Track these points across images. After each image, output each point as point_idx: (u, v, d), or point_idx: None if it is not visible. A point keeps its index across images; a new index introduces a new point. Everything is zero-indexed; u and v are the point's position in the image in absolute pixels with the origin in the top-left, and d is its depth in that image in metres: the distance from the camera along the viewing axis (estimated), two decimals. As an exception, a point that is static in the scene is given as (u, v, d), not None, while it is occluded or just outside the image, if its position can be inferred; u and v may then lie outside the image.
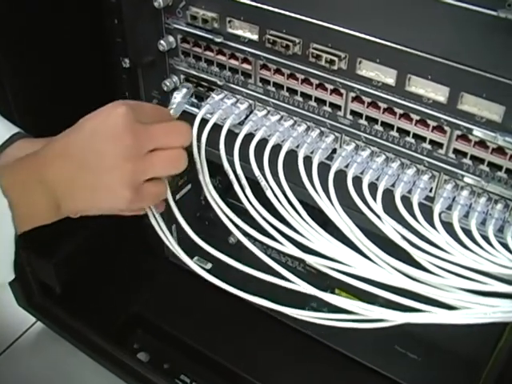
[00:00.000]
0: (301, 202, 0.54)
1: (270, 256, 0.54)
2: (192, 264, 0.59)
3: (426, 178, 0.54)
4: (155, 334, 0.89)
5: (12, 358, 0.95)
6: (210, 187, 0.56)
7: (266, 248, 0.57)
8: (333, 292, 0.75)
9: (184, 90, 0.63)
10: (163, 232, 0.60)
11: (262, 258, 0.54)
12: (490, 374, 0.66)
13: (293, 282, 0.52)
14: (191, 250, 0.61)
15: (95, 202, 0.50)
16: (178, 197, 0.84)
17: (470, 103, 0.48)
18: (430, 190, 0.54)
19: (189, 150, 0.56)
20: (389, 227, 0.50)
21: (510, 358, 0.62)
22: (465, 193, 0.52)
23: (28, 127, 0.60)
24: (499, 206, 0.51)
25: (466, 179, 0.52)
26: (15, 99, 0.71)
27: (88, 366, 0.89)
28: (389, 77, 0.51)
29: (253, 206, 0.53)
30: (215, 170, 0.60)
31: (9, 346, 0.97)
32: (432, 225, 0.51)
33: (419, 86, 0.50)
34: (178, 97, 0.63)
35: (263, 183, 0.54)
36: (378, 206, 0.51)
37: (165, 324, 0.88)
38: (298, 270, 0.81)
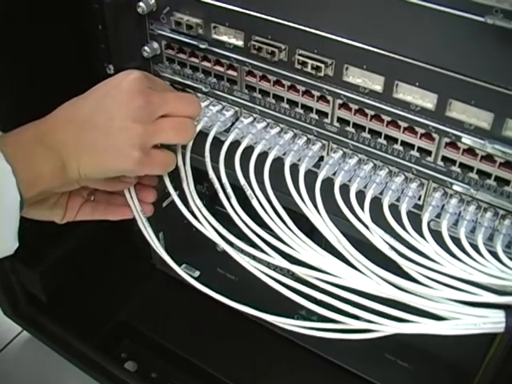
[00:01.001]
0: (288, 209, 0.53)
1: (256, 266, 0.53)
2: (179, 270, 0.58)
3: (414, 185, 0.53)
4: (143, 343, 0.88)
5: (-2, 368, 0.94)
6: (195, 196, 0.55)
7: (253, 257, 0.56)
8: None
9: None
10: (151, 238, 0.59)
11: (248, 268, 0.53)
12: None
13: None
14: (179, 257, 0.61)
15: (103, 162, 0.49)
16: (165, 204, 0.83)
17: (459, 110, 0.48)
18: (419, 198, 0.53)
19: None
20: (377, 237, 0.49)
21: (499, 368, 0.62)
22: (454, 201, 0.51)
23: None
24: (489, 215, 0.50)
25: (454, 187, 0.51)
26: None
27: (75, 376, 0.88)
28: (376, 83, 0.50)
29: (238, 216, 0.52)
30: (202, 176, 0.59)
31: (-6, 356, 0.96)
32: (421, 234, 0.50)
33: (407, 92, 0.49)
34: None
35: (249, 192, 0.53)
36: (365, 216, 0.51)
37: (152, 332, 0.87)
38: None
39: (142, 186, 0.59)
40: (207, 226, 0.54)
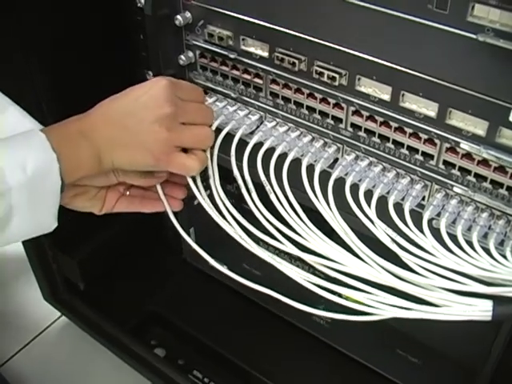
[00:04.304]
0: (301, 205, 0.58)
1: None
2: (211, 260, 0.63)
3: (418, 187, 0.58)
4: (171, 332, 0.94)
5: (36, 350, 1.01)
6: (220, 190, 0.61)
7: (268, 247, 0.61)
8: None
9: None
10: (181, 232, 0.64)
11: (264, 258, 0.58)
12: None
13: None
14: (208, 252, 0.65)
15: (132, 158, 0.57)
16: (196, 202, 0.89)
17: (458, 118, 0.53)
18: (423, 199, 0.58)
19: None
20: (380, 231, 0.54)
21: (500, 365, 0.66)
22: (454, 201, 0.56)
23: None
24: (485, 215, 0.55)
25: (455, 189, 0.56)
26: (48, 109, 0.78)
27: (108, 359, 0.94)
28: (385, 93, 0.55)
29: (257, 209, 0.58)
30: (231, 177, 0.64)
31: (34, 338, 1.02)
32: (421, 230, 0.55)
33: (412, 101, 0.54)
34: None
35: (268, 188, 0.59)
36: (371, 212, 0.56)
37: (181, 322, 0.93)
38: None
39: (173, 183, 0.65)
40: (228, 217, 0.59)
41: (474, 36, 0.47)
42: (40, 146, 0.52)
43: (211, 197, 0.62)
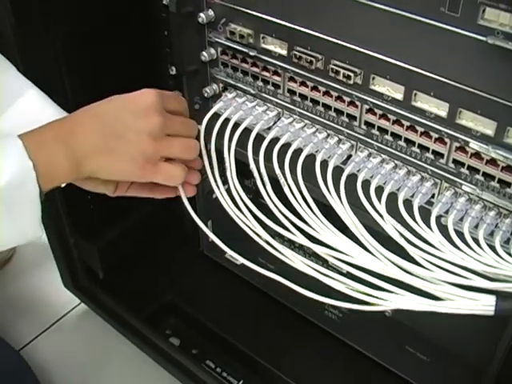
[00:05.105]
0: (314, 200, 0.60)
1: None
2: (229, 250, 0.65)
3: (428, 184, 0.60)
4: (186, 322, 0.96)
5: (55, 335, 1.04)
6: (236, 181, 0.63)
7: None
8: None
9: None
10: (199, 223, 0.66)
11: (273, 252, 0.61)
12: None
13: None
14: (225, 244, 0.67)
15: (113, 166, 0.56)
16: (214, 195, 0.91)
17: (467, 118, 0.54)
18: (433, 196, 0.60)
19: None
20: (389, 226, 0.56)
21: (505, 364, 0.67)
22: (462, 199, 0.58)
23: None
24: (492, 213, 0.56)
25: (463, 187, 0.57)
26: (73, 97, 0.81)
27: (124, 346, 0.97)
28: (397, 92, 0.57)
29: (271, 200, 0.60)
30: (250, 172, 0.66)
31: (53, 324, 1.06)
32: (428, 226, 0.56)
33: (423, 101, 0.56)
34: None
35: (282, 181, 0.61)
36: (381, 207, 0.58)
37: (196, 312, 0.95)
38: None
39: (187, 168, 0.64)
40: (243, 207, 0.62)
41: (484, 38, 0.48)
42: (16, 154, 0.51)
43: (229, 191, 0.64)
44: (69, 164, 0.54)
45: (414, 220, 0.57)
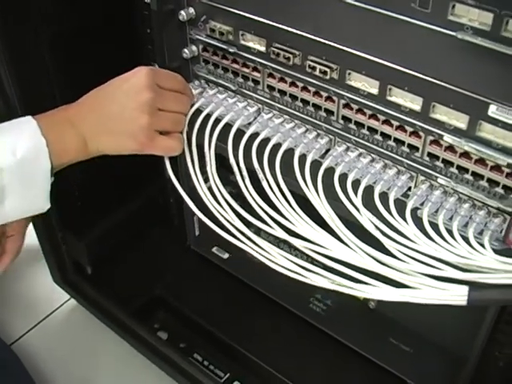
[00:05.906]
0: (293, 193, 0.61)
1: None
2: (221, 232, 0.64)
3: (404, 177, 0.61)
4: (174, 316, 0.97)
5: (45, 329, 1.05)
6: (216, 177, 0.64)
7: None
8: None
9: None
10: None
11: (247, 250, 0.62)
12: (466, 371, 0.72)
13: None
14: (211, 240, 0.68)
15: (117, 143, 0.62)
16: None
17: (441, 112, 0.55)
18: (409, 189, 0.61)
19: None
20: (365, 218, 0.57)
21: (484, 353, 0.68)
22: (437, 192, 0.59)
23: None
24: (466, 206, 0.57)
25: (439, 180, 0.58)
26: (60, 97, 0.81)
27: (113, 341, 0.98)
28: (373, 87, 0.58)
29: (249, 193, 0.61)
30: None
31: (44, 319, 1.06)
32: (404, 218, 0.57)
33: (398, 96, 0.57)
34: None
35: (260, 176, 0.62)
36: (357, 200, 0.58)
37: (183, 307, 0.96)
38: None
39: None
40: (221, 200, 0.63)
41: (454, 34, 0.49)
42: (31, 131, 0.57)
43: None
44: (77, 143, 0.61)
45: (390, 213, 0.58)
